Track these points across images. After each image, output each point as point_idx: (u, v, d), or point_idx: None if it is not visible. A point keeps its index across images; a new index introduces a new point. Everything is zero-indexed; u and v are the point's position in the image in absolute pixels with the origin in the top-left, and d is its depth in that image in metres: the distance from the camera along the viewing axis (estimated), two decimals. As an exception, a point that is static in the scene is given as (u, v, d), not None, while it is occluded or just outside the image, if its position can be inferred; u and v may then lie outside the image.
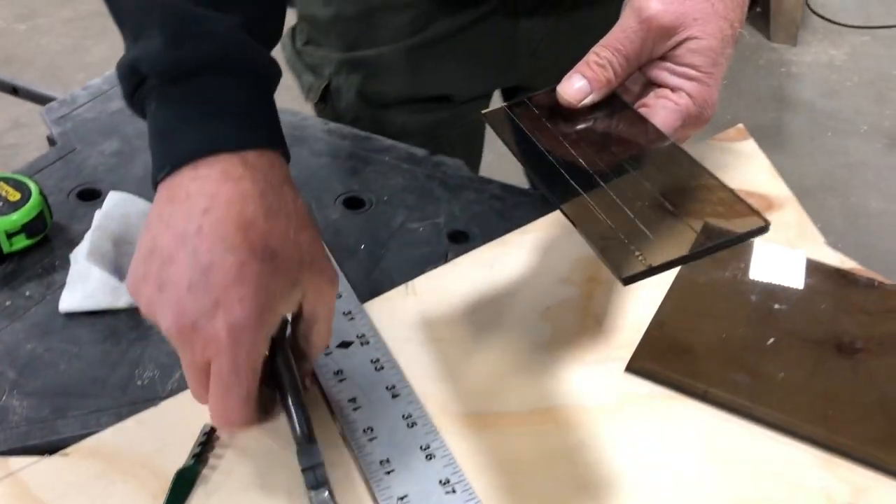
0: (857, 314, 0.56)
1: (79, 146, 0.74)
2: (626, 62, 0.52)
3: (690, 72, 0.52)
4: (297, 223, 0.45)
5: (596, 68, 0.52)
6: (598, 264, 0.61)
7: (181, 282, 0.42)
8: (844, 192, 2.08)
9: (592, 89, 0.52)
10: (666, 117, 0.51)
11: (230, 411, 0.44)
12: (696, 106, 0.52)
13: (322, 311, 0.48)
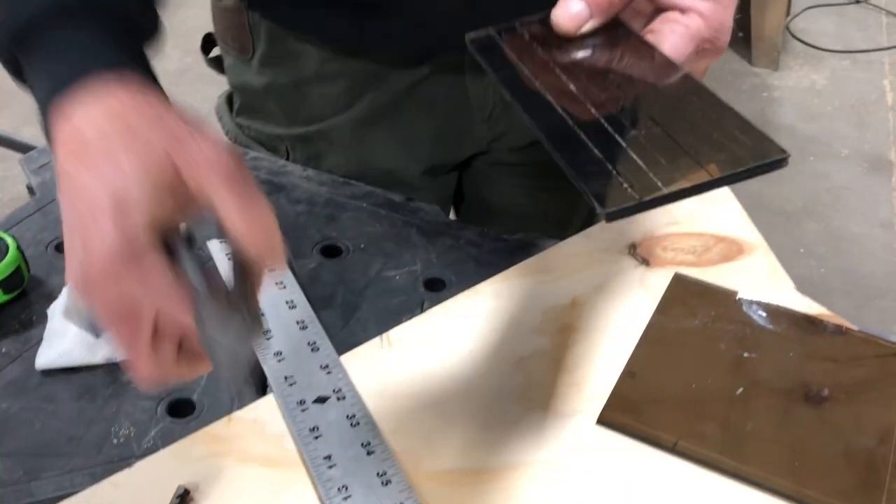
0: (824, 362, 0.57)
1: (58, 196, 0.75)
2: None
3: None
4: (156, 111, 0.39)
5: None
6: (570, 313, 0.62)
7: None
8: (826, 216, 2.10)
9: (592, 14, 0.46)
10: (676, 42, 0.45)
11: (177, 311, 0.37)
12: (710, 29, 0.46)
13: (209, 182, 0.37)
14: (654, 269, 0.66)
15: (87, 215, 0.36)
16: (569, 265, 0.66)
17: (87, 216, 0.36)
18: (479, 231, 0.73)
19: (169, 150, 0.37)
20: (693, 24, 0.45)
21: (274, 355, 0.57)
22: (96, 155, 0.37)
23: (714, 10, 0.45)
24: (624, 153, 0.37)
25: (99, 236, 0.36)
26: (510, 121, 0.79)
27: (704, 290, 0.63)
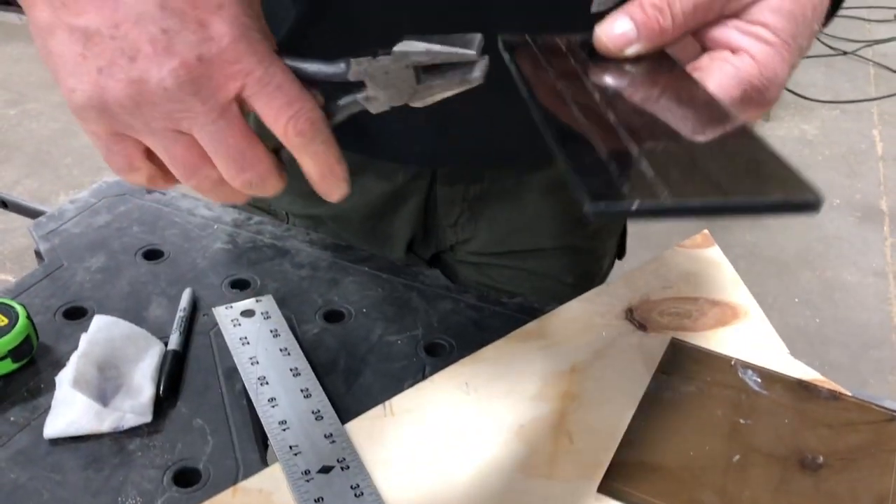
0: (819, 428, 0.58)
1: (66, 262, 0.77)
2: (693, 9, 0.41)
3: (764, 33, 0.42)
4: None
5: (650, 10, 0.41)
6: (569, 379, 0.63)
7: (150, 31, 0.38)
8: (820, 266, 2.13)
9: (640, 37, 0.42)
10: (722, 81, 0.41)
11: (315, 114, 0.41)
12: (762, 76, 0.42)
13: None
14: (650, 333, 0.67)
15: (199, 2, 0.38)
16: (567, 330, 0.67)
17: (202, 3, 0.38)
18: (478, 295, 0.75)
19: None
20: (743, 67, 0.42)
21: (279, 424, 0.58)
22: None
23: (769, 57, 0.42)
24: (634, 161, 0.33)
25: (227, 21, 0.38)
26: (475, 228, 0.83)
27: (700, 355, 0.64)
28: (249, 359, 0.64)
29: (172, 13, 0.39)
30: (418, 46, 0.43)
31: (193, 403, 0.62)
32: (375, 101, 0.45)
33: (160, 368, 0.64)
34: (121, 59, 0.39)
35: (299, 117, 0.42)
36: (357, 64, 0.44)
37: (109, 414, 0.59)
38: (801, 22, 0.42)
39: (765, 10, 0.42)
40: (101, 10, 0.39)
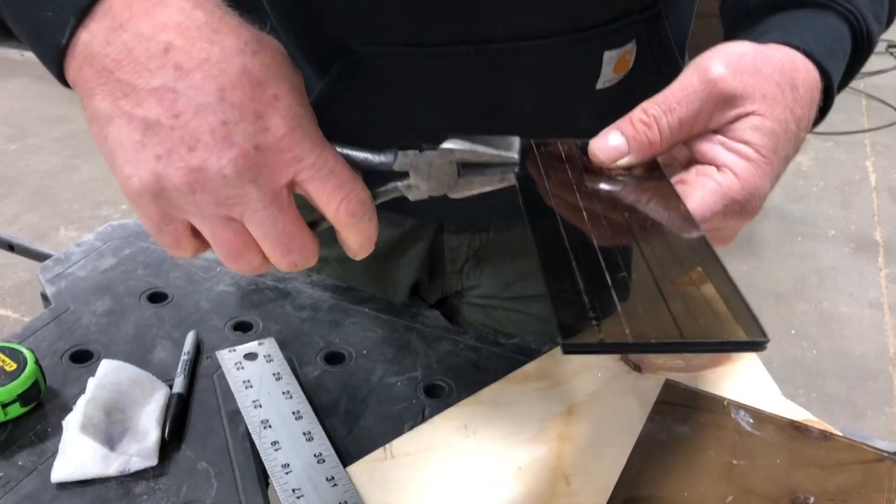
0: (810, 468, 0.60)
1: (72, 306, 0.78)
2: (679, 125, 0.46)
3: (746, 150, 0.46)
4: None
5: (639, 126, 0.46)
6: (566, 421, 0.64)
7: (210, 122, 0.41)
8: (816, 297, 2.14)
9: (630, 150, 0.46)
10: (704, 197, 0.45)
11: (365, 196, 0.45)
12: (744, 191, 0.45)
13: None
14: (645, 374, 0.69)
15: (249, 83, 0.41)
16: (564, 371, 0.69)
17: (251, 83, 0.41)
18: (476, 335, 0.76)
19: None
20: (726, 183, 0.45)
21: (282, 467, 0.59)
22: (231, 28, 0.42)
23: (751, 173, 0.45)
24: (607, 292, 0.38)
25: (275, 100, 0.41)
26: (480, 276, 0.84)
27: (694, 396, 0.66)
28: (252, 402, 0.65)
29: (232, 105, 0.41)
30: (464, 146, 0.46)
31: (198, 446, 0.64)
32: (416, 189, 0.49)
33: (165, 412, 0.65)
34: (180, 148, 0.41)
35: (351, 199, 0.45)
36: (404, 156, 0.48)
37: (116, 458, 0.61)
38: (783, 137, 0.46)
39: (747, 129, 0.45)
40: (161, 101, 0.41)
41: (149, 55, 0.41)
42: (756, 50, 0.49)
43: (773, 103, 0.46)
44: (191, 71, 0.41)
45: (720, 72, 0.45)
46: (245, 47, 0.42)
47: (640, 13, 0.62)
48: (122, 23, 0.41)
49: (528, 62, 0.61)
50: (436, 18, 0.58)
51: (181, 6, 0.42)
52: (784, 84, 0.48)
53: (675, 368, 0.69)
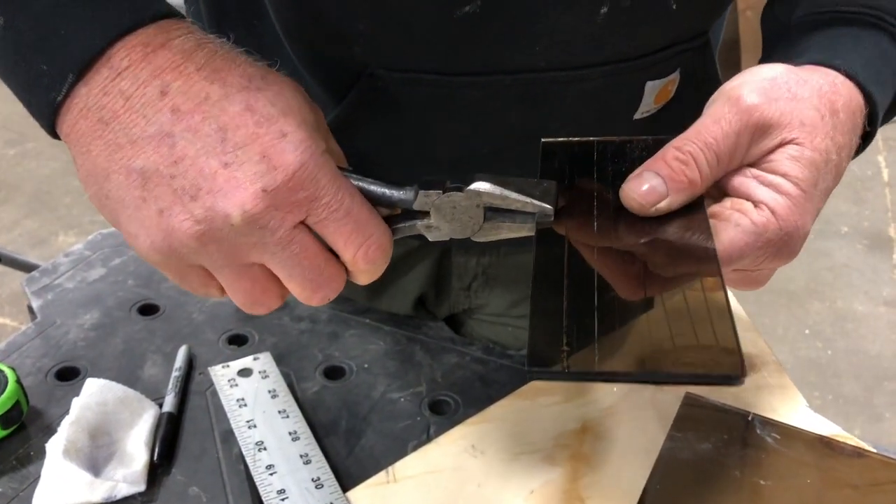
0: (843, 489, 0.56)
1: (59, 319, 0.74)
2: (717, 161, 0.42)
3: (784, 184, 0.42)
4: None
5: (676, 165, 0.42)
6: (581, 439, 0.60)
7: (211, 166, 0.37)
8: (830, 296, 2.10)
9: (669, 191, 0.42)
10: (736, 238, 0.41)
11: (385, 241, 0.42)
12: (782, 232, 0.41)
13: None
14: (663, 387, 0.65)
15: (254, 121, 0.38)
16: (577, 386, 0.65)
17: (256, 122, 0.38)
18: (483, 347, 0.73)
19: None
20: (761, 222, 0.41)
21: (277, 494, 0.56)
22: (237, 67, 0.40)
23: (790, 211, 0.41)
24: (590, 316, 0.36)
25: (282, 136, 0.38)
26: (489, 294, 0.80)
27: (716, 411, 0.62)
28: (247, 422, 0.61)
29: (235, 146, 0.38)
30: (494, 190, 0.42)
31: (189, 469, 0.60)
32: (437, 231, 0.45)
33: (155, 432, 0.61)
34: (183, 198, 0.38)
35: (370, 245, 0.41)
36: (426, 195, 0.43)
37: (101, 484, 0.57)
38: (824, 168, 0.42)
39: (785, 160, 0.41)
40: (158, 148, 0.38)
41: (145, 101, 0.38)
42: (790, 72, 0.45)
43: (813, 131, 0.42)
44: (189, 113, 0.38)
45: (754, 100, 0.42)
46: (249, 84, 0.39)
47: (689, 41, 0.58)
48: (119, 71, 0.38)
49: (566, 92, 0.57)
50: (470, 47, 0.53)
51: (182, 48, 0.39)
52: (824, 109, 0.44)
53: (695, 380, 0.65)
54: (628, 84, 0.58)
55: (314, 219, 0.40)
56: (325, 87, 0.59)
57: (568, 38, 0.53)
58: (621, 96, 0.58)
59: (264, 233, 0.39)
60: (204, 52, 0.40)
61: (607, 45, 0.54)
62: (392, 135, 0.60)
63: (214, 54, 0.40)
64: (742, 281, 0.45)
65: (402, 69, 0.55)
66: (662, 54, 0.57)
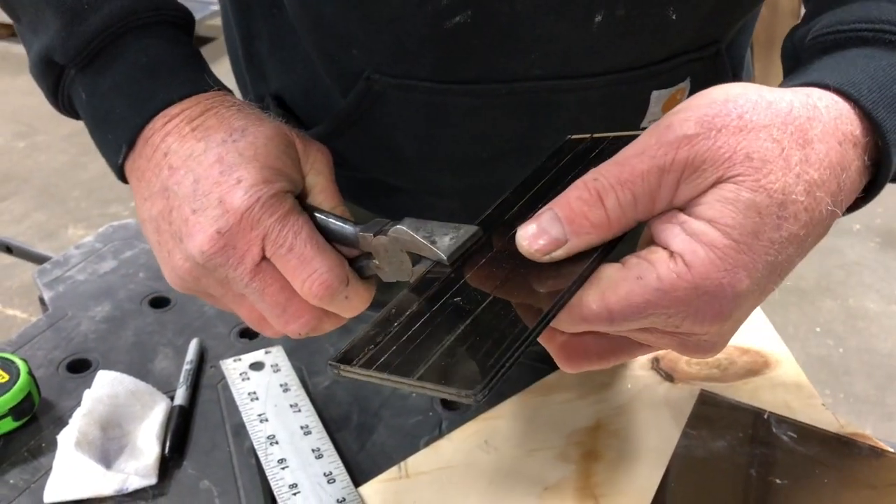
0: (860, 489, 0.55)
1: (70, 311, 0.74)
2: (633, 202, 0.35)
3: (708, 232, 0.34)
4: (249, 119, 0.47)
5: (577, 206, 0.36)
6: (594, 437, 0.60)
7: (185, 213, 0.44)
8: (842, 294, 2.09)
9: (569, 235, 0.36)
10: (632, 293, 0.35)
11: (328, 278, 0.43)
12: (697, 289, 0.34)
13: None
14: (678, 384, 0.64)
15: (218, 172, 0.43)
16: (591, 382, 0.64)
17: (220, 172, 0.43)
18: (496, 342, 0.72)
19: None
20: (668, 278, 0.34)
21: (289, 488, 0.55)
22: (214, 127, 0.46)
23: (710, 266, 0.33)
24: (395, 340, 0.36)
25: (237, 182, 0.43)
26: None
27: (731, 408, 0.61)
28: (258, 416, 0.61)
29: (202, 194, 0.43)
30: (404, 235, 0.43)
31: (200, 463, 0.60)
32: (383, 272, 0.46)
33: (166, 426, 0.61)
34: (175, 241, 0.45)
35: (314, 280, 0.44)
36: (363, 238, 0.45)
37: (113, 476, 0.57)
38: (776, 212, 0.34)
39: (714, 202, 0.34)
40: (161, 200, 0.45)
41: (156, 162, 0.46)
42: (752, 93, 0.37)
43: (764, 166, 0.34)
44: (177, 168, 0.45)
45: (687, 130, 0.35)
46: (228, 138, 0.45)
47: (697, 51, 0.56)
48: (147, 139, 0.46)
49: (565, 101, 0.55)
50: (463, 56, 0.53)
51: (190, 114, 0.46)
52: (787, 139, 0.35)
53: (710, 378, 0.64)
54: (632, 93, 0.56)
55: (268, 254, 0.44)
56: (333, 82, 0.59)
57: (562, 47, 0.52)
58: (625, 105, 0.57)
59: (226, 269, 0.44)
60: (205, 115, 0.46)
61: (606, 55, 0.53)
62: (391, 137, 0.60)
63: (213, 116, 0.46)
64: (680, 346, 0.38)
65: (396, 75, 0.55)
66: (668, 64, 0.55)
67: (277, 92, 0.66)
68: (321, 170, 0.49)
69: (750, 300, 0.36)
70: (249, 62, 0.67)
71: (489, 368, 0.33)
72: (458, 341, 0.35)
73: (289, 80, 0.64)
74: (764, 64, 1.90)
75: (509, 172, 0.60)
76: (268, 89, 0.66)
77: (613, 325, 0.36)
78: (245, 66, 0.68)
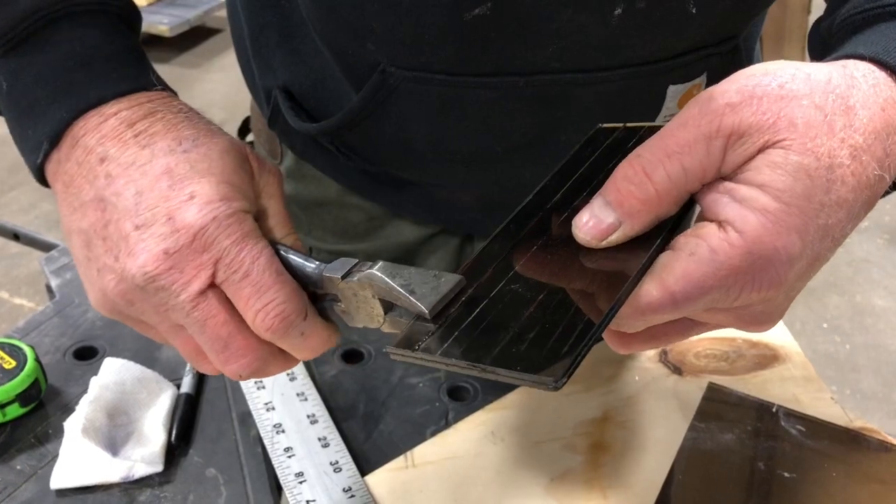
0: (870, 483, 0.55)
1: (77, 299, 0.74)
2: (683, 173, 0.35)
3: (759, 197, 0.34)
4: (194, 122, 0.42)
5: (624, 187, 0.36)
6: (602, 428, 0.60)
7: (126, 228, 0.39)
8: (849, 291, 2.08)
9: (622, 218, 0.36)
10: (689, 270, 0.34)
11: (284, 308, 0.39)
12: (752, 254, 0.34)
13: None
14: (686, 377, 0.64)
15: (168, 185, 0.39)
16: (598, 374, 0.64)
17: (170, 185, 0.39)
18: (503, 333, 0.72)
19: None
20: (721, 248, 0.34)
21: (295, 476, 0.55)
22: (160, 135, 0.41)
23: (763, 230, 0.33)
24: (458, 324, 0.36)
25: (189, 198, 0.39)
26: None
27: (740, 401, 0.61)
28: (265, 404, 0.61)
29: (147, 208, 0.39)
30: (381, 282, 0.38)
31: (206, 451, 0.60)
32: (349, 316, 0.42)
33: (172, 413, 0.61)
34: (109, 259, 0.40)
35: (268, 311, 0.39)
36: (328, 280, 0.40)
37: (119, 463, 0.57)
38: (825, 175, 0.34)
39: (763, 167, 0.34)
40: (95, 211, 0.40)
41: (89, 168, 0.40)
42: (789, 66, 0.37)
43: (809, 131, 0.34)
44: (117, 178, 0.40)
45: (729, 99, 0.35)
46: (177, 147, 0.40)
47: (716, 46, 0.56)
48: (77, 140, 0.41)
49: (582, 94, 0.55)
50: (482, 49, 0.52)
51: (129, 117, 0.41)
52: (829, 105, 0.35)
53: (719, 371, 0.64)
54: (649, 87, 0.56)
55: (219, 280, 0.39)
56: (344, 75, 0.59)
57: (581, 40, 0.52)
58: (642, 99, 0.57)
59: (168, 295, 0.39)
60: (149, 120, 0.41)
61: (624, 48, 0.53)
62: (404, 130, 0.60)
63: (159, 121, 0.41)
64: (738, 320, 0.38)
65: (413, 68, 0.55)
66: (685, 59, 0.55)
67: (286, 84, 0.65)
68: (273, 193, 0.44)
69: (804, 264, 0.35)
70: (257, 54, 0.66)
71: (564, 356, 0.32)
72: (525, 328, 0.34)
73: (298, 73, 0.64)
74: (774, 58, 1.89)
75: (523, 166, 0.60)
76: (276, 81, 0.66)
77: (678, 308, 0.35)
78: (253, 58, 0.67)
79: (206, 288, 0.39)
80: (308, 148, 0.71)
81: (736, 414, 0.60)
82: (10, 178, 2.64)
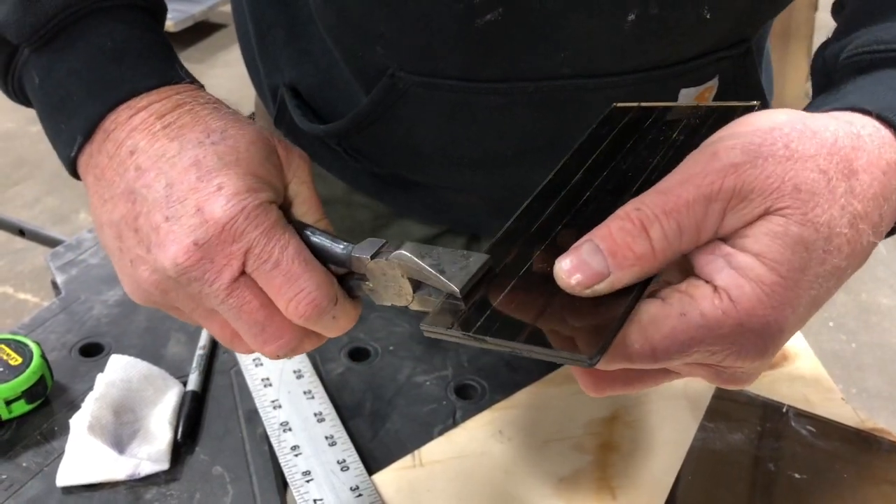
0: (880, 485, 0.54)
1: (83, 295, 0.74)
2: (679, 233, 0.34)
3: (755, 267, 0.33)
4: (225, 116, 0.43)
5: (621, 238, 0.34)
6: (610, 428, 0.59)
7: (156, 220, 0.40)
8: (855, 289, 2.07)
9: (612, 268, 0.34)
10: (677, 330, 0.33)
11: (316, 296, 0.40)
12: (742, 326, 0.33)
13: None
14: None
15: (196, 177, 0.39)
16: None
17: (198, 177, 0.39)
18: (511, 332, 0.71)
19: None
20: (713, 315, 0.33)
21: (302, 475, 0.55)
22: (189, 127, 0.41)
23: (756, 302, 0.33)
24: (488, 305, 0.35)
25: (217, 189, 0.39)
26: None
27: (750, 401, 0.60)
28: (272, 402, 0.61)
29: (176, 200, 0.40)
30: (410, 262, 0.39)
31: (213, 449, 0.59)
32: (377, 294, 0.42)
33: (178, 411, 0.61)
34: (141, 250, 0.41)
35: (301, 299, 0.40)
36: (357, 260, 0.41)
37: (125, 461, 0.57)
38: (822, 246, 0.33)
39: (762, 237, 0.33)
40: (126, 203, 0.41)
41: (119, 160, 0.41)
42: (797, 122, 0.36)
43: (812, 198, 0.33)
44: (147, 170, 0.41)
45: (733, 158, 0.34)
46: (205, 139, 0.41)
47: (728, 49, 0.55)
48: (108, 133, 0.42)
49: (592, 99, 0.54)
50: (492, 54, 0.52)
51: (159, 109, 0.42)
52: (833, 170, 0.34)
53: (728, 370, 0.64)
54: (660, 91, 0.55)
55: (249, 269, 0.40)
56: (354, 76, 0.59)
57: (593, 46, 0.51)
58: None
59: (201, 284, 0.40)
60: (177, 112, 0.42)
61: (636, 53, 0.52)
62: (412, 135, 0.59)
63: (187, 113, 0.42)
64: (716, 377, 0.38)
65: (422, 74, 0.54)
66: (697, 62, 0.55)
67: (293, 82, 0.65)
68: (304, 179, 0.45)
69: (791, 335, 0.36)
70: (263, 52, 0.66)
71: (598, 332, 0.33)
72: (556, 309, 0.34)
73: (305, 72, 0.63)
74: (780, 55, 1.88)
75: (531, 169, 0.59)
76: (282, 80, 0.65)
77: (657, 362, 0.35)
78: (258, 56, 0.67)
79: (237, 276, 0.40)
80: (314, 147, 0.70)
81: (745, 414, 0.59)
82: (14, 172, 2.65)
